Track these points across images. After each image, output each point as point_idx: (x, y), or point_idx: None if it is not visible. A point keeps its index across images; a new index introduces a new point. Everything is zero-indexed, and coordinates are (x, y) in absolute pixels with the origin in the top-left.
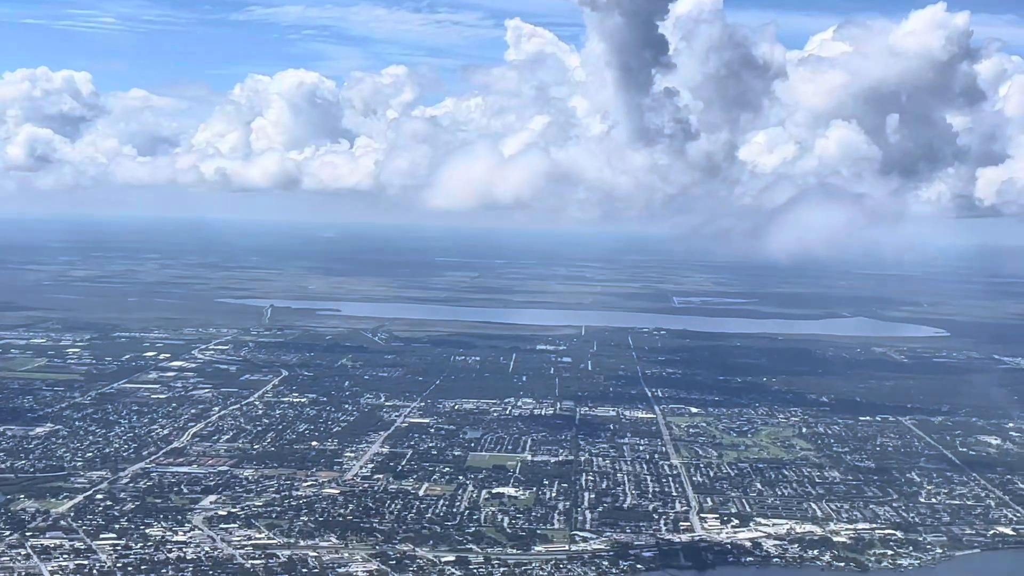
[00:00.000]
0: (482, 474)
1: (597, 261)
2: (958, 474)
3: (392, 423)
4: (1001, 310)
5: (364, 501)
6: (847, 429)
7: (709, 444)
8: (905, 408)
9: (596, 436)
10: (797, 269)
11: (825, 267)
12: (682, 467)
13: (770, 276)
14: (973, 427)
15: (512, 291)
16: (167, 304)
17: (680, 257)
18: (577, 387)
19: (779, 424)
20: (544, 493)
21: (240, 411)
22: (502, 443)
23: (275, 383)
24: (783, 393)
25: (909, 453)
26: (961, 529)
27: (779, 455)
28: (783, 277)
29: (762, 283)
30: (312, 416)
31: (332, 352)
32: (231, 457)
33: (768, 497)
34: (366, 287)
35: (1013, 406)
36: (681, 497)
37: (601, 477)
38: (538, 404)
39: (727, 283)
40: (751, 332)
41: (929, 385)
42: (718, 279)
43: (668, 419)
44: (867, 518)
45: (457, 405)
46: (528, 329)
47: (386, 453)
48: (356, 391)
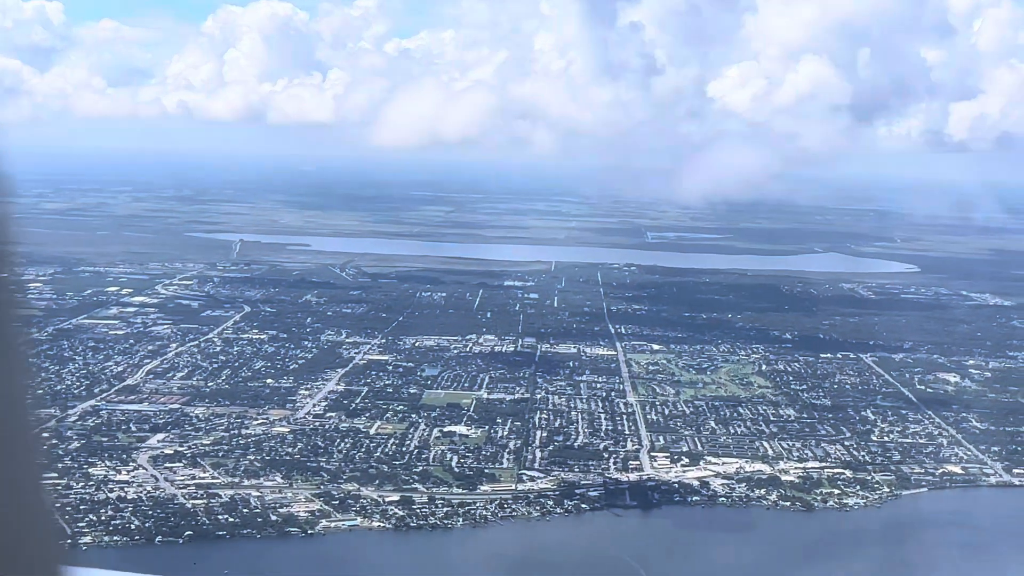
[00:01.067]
0: (436, 412)
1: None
2: (913, 412)
3: (351, 360)
4: (974, 246)
5: (313, 440)
6: (807, 366)
7: (667, 381)
8: (867, 345)
9: (555, 374)
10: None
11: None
12: (637, 405)
13: (746, 211)
14: (933, 364)
15: (486, 226)
16: (136, 238)
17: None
18: (541, 324)
19: (739, 361)
20: (496, 432)
21: (198, 348)
22: (459, 381)
23: (236, 319)
24: (746, 330)
25: (866, 391)
26: (910, 468)
27: (736, 393)
28: (759, 212)
29: (738, 218)
30: (270, 353)
31: (297, 288)
32: (184, 395)
33: (721, 436)
34: (339, 221)
35: (975, 343)
36: (633, 436)
37: (555, 415)
38: (500, 341)
39: (703, 218)
40: (721, 268)
41: (893, 322)
42: (695, 214)
43: (629, 356)
44: (818, 457)
45: (418, 342)
46: (498, 265)
47: (341, 391)
48: (317, 328)
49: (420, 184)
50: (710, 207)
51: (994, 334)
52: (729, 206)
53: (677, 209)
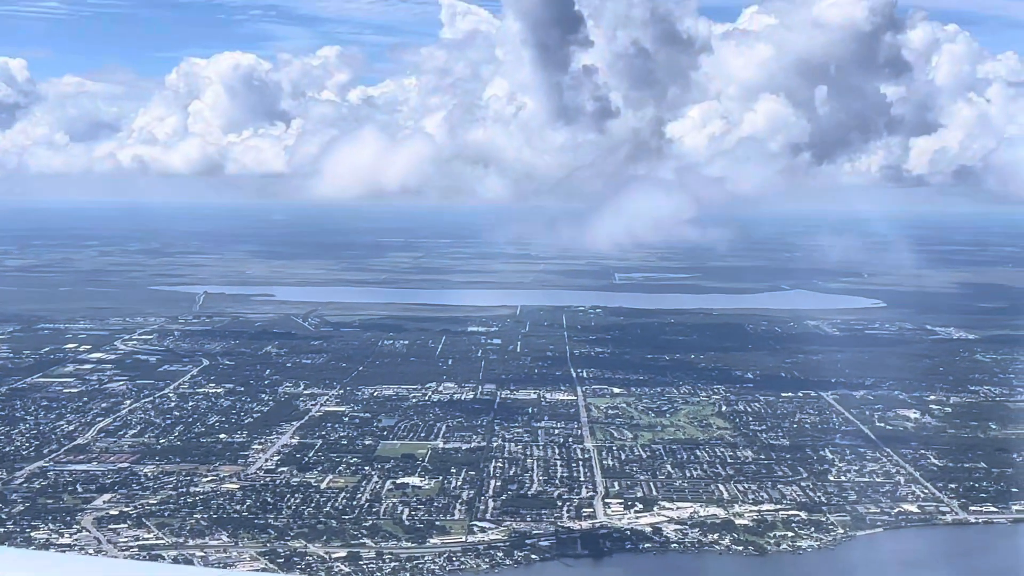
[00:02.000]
0: (390, 464)
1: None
2: (872, 450)
3: (307, 412)
4: (940, 279)
5: (263, 496)
6: (767, 406)
7: (626, 425)
8: (829, 383)
9: (513, 420)
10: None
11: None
12: (594, 450)
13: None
14: (894, 401)
15: (454, 271)
16: (99, 293)
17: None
18: (502, 370)
19: (699, 403)
20: (449, 482)
21: (152, 404)
22: (416, 430)
23: (193, 373)
24: (709, 370)
25: (825, 429)
26: (866, 508)
27: (695, 435)
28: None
29: (706, 257)
30: (225, 407)
31: (258, 339)
32: (134, 453)
33: (676, 480)
34: (306, 270)
35: (936, 378)
36: (588, 482)
37: (510, 464)
38: (459, 388)
39: (672, 258)
40: (687, 308)
41: (856, 358)
42: (663, 254)
43: (589, 400)
44: (773, 499)
45: (376, 392)
46: (462, 311)
47: (295, 444)
48: (275, 380)
49: (389, 230)
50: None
51: (956, 368)
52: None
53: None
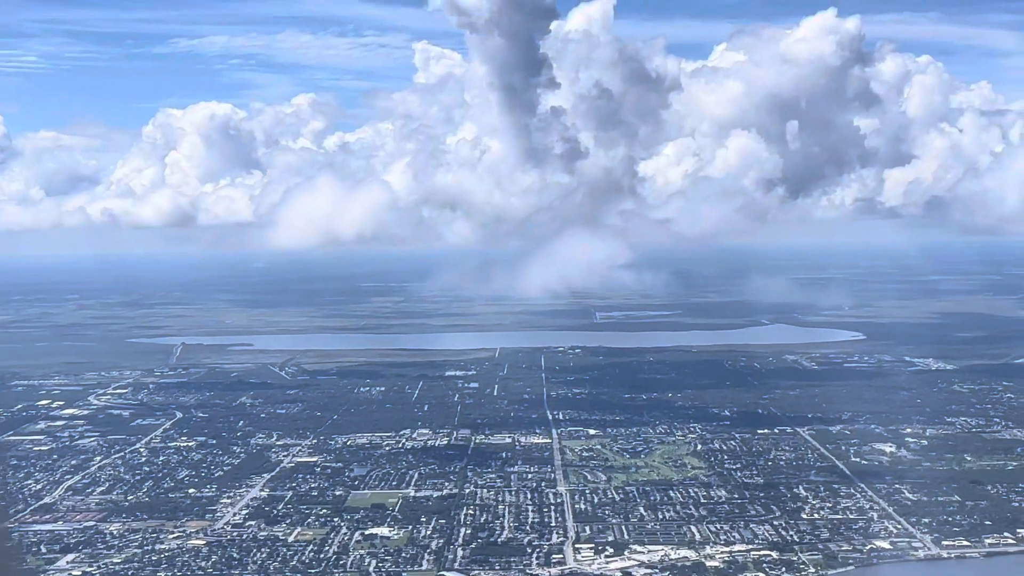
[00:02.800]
0: (359, 514)
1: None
2: (846, 486)
3: (278, 464)
4: (920, 310)
5: (229, 552)
6: (743, 444)
7: (600, 468)
8: (805, 418)
9: (486, 466)
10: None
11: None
12: (567, 494)
13: (696, 286)
14: (870, 435)
15: (434, 315)
16: (75, 347)
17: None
18: (478, 414)
19: (675, 442)
20: (419, 531)
21: (122, 460)
22: (388, 479)
23: (166, 427)
24: (685, 409)
25: (800, 466)
26: (838, 545)
27: (669, 476)
28: (709, 286)
29: (687, 293)
30: (196, 461)
31: (234, 390)
32: (101, 511)
33: (649, 522)
34: (286, 318)
35: (914, 410)
36: (559, 527)
37: (482, 510)
38: (434, 435)
39: (653, 295)
40: (666, 346)
41: (834, 392)
42: (645, 291)
43: (564, 443)
44: (745, 539)
45: (350, 440)
46: (441, 355)
47: (264, 497)
48: (248, 431)
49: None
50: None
51: (933, 400)
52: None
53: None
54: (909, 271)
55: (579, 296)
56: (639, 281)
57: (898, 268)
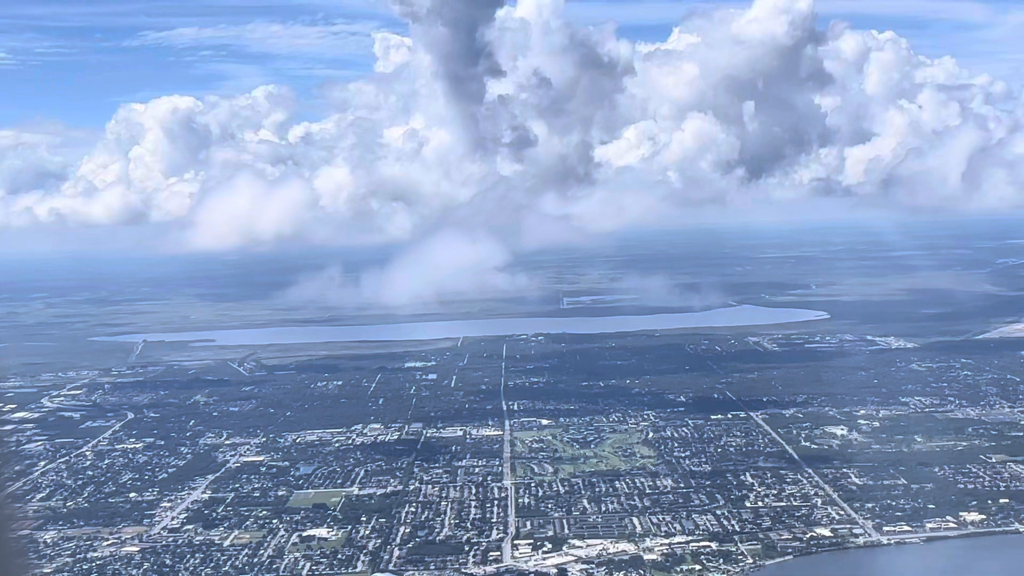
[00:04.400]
0: (299, 515)
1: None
2: (793, 472)
3: (224, 464)
4: (887, 287)
5: (162, 558)
6: (695, 431)
7: (548, 459)
8: (760, 402)
9: (434, 461)
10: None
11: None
12: (512, 488)
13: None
14: (823, 418)
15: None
16: (36, 348)
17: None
18: (433, 407)
19: (627, 431)
20: (357, 531)
21: (67, 464)
22: (333, 477)
23: (115, 428)
24: (641, 395)
25: (749, 452)
26: (779, 534)
27: (617, 466)
28: (680, 267)
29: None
30: (141, 464)
31: (189, 388)
32: (38, 518)
33: (591, 515)
34: (252, 312)
35: (870, 391)
36: (500, 523)
37: (424, 508)
38: (385, 429)
39: (623, 278)
40: (630, 331)
41: (792, 375)
42: (614, 274)
43: (515, 435)
44: (686, 530)
45: (299, 438)
46: (402, 345)
47: (205, 500)
48: (199, 431)
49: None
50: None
51: (890, 380)
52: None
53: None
54: (883, 247)
55: (447, 302)
56: (512, 282)
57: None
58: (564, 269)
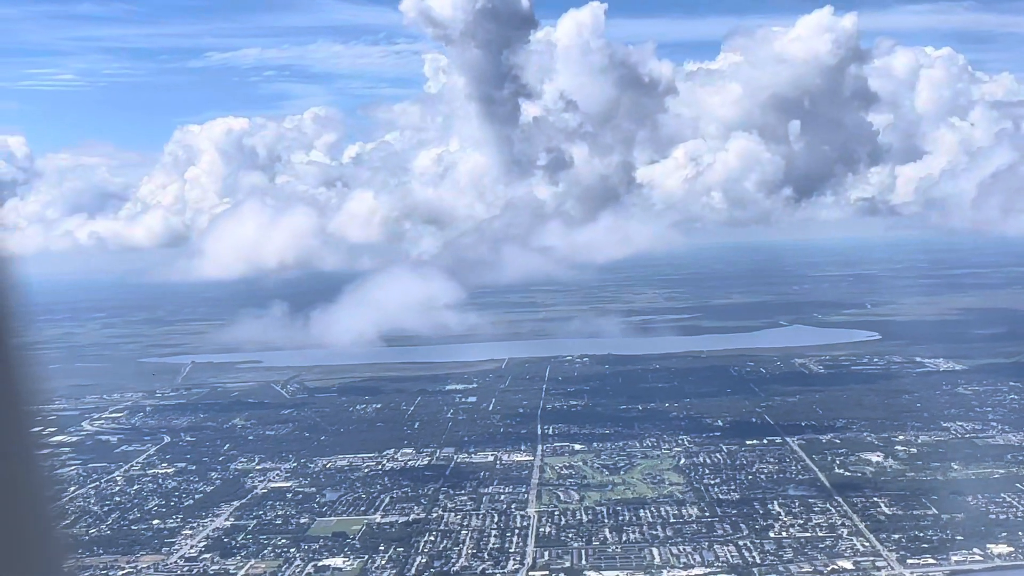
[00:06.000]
0: (319, 544)
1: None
2: (822, 500)
3: (251, 490)
4: (943, 306)
5: None
6: (728, 456)
7: (575, 486)
8: (798, 427)
9: (461, 488)
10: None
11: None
12: (535, 517)
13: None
14: (860, 444)
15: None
16: (86, 369)
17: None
18: (467, 431)
19: (659, 456)
20: (374, 562)
21: (96, 490)
22: (357, 504)
23: (150, 452)
24: (679, 419)
25: (780, 480)
26: (799, 567)
27: (644, 493)
28: (736, 286)
29: (713, 294)
30: (169, 489)
31: (229, 411)
32: None
33: (611, 545)
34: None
35: (911, 415)
36: (518, 554)
37: (444, 537)
38: (417, 454)
39: (679, 297)
40: (676, 351)
41: (834, 398)
42: (671, 294)
43: (546, 460)
44: (705, 562)
45: (330, 463)
46: (447, 367)
47: (227, 527)
48: (232, 455)
49: None
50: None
51: (934, 404)
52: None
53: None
54: (942, 265)
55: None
56: (462, 322)
57: (933, 263)
58: (617, 288)
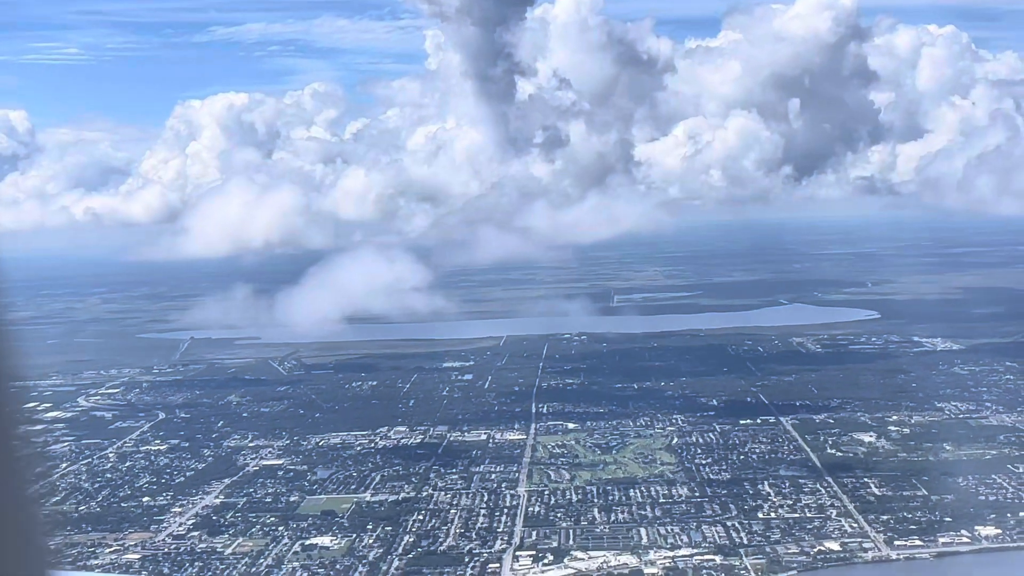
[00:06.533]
0: (307, 522)
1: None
2: (813, 481)
3: (243, 468)
4: (944, 284)
5: (161, 566)
6: (722, 436)
7: (567, 466)
8: (792, 406)
9: (452, 466)
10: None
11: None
12: (524, 496)
13: (725, 264)
14: (853, 424)
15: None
16: (83, 344)
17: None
18: (461, 409)
19: (652, 436)
20: (361, 540)
21: (88, 466)
22: (348, 483)
23: (144, 429)
24: (674, 399)
25: (772, 460)
26: (786, 548)
27: (635, 473)
28: (737, 264)
29: (713, 273)
30: (161, 466)
31: (225, 388)
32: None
33: (599, 525)
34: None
35: (906, 395)
36: (505, 534)
37: (432, 516)
38: (410, 432)
39: (679, 275)
40: (675, 330)
41: (829, 378)
42: (671, 272)
43: (538, 439)
44: (693, 542)
45: (323, 440)
46: (445, 344)
47: (216, 505)
48: (225, 432)
49: None
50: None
51: (929, 384)
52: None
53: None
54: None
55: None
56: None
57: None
58: (618, 266)
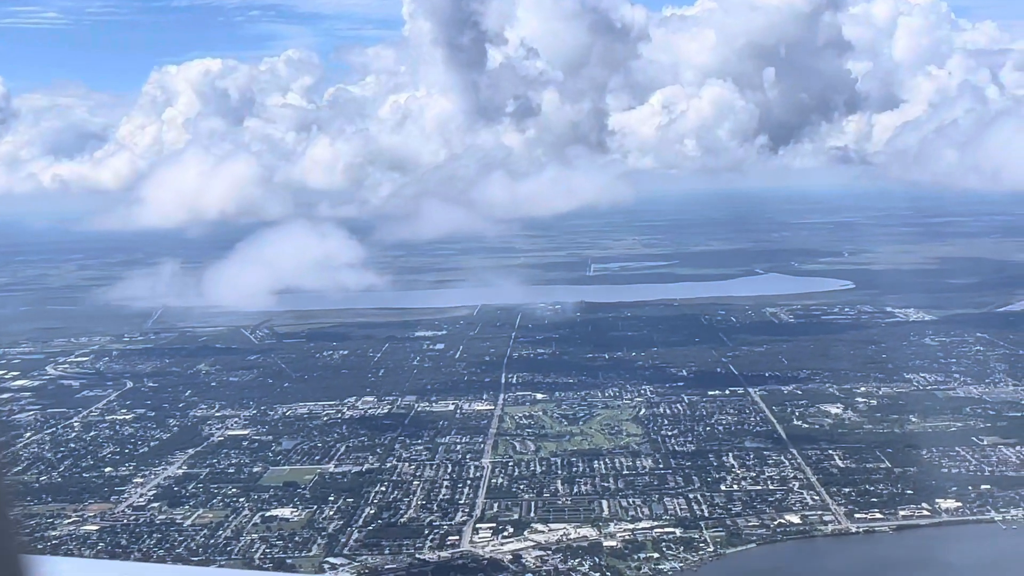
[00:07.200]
0: (268, 494)
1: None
2: (777, 453)
3: (208, 438)
4: (920, 255)
5: (119, 538)
6: (689, 407)
7: (532, 437)
8: (762, 377)
9: (418, 437)
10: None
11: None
12: (488, 468)
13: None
14: (821, 395)
15: (429, 269)
16: (56, 312)
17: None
18: (431, 379)
19: (620, 407)
20: (322, 512)
21: (52, 436)
22: (312, 454)
23: (111, 398)
24: (644, 369)
25: (738, 431)
26: (747, 520)
27: (601, 444)
28: (715, 234)
29: (691, 242)
30: (126, 436)
31: (195, 356)
32: None
33: (561, 497)
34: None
35: (875, 366)
36: (467, 506)
37: (395, 487)
38: (378, 402)
39: (656, 244)
40: (649, 299)
41: (800, 348)
42: (649, 240)
43: (506, 410)
44: (654, 515)
45: (290, 410)
46: (419, 313)
47: (179, 476)
48: (192, 401)
49: None
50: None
51: (899, 355)
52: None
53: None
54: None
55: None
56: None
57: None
58: (596, 235)
